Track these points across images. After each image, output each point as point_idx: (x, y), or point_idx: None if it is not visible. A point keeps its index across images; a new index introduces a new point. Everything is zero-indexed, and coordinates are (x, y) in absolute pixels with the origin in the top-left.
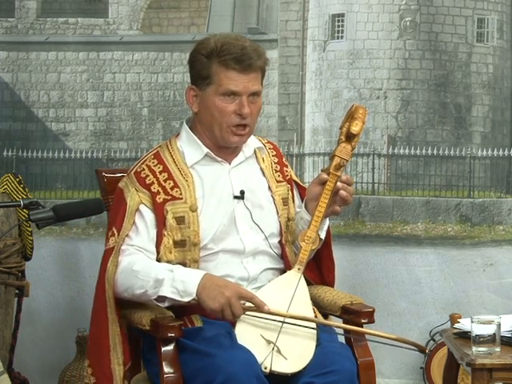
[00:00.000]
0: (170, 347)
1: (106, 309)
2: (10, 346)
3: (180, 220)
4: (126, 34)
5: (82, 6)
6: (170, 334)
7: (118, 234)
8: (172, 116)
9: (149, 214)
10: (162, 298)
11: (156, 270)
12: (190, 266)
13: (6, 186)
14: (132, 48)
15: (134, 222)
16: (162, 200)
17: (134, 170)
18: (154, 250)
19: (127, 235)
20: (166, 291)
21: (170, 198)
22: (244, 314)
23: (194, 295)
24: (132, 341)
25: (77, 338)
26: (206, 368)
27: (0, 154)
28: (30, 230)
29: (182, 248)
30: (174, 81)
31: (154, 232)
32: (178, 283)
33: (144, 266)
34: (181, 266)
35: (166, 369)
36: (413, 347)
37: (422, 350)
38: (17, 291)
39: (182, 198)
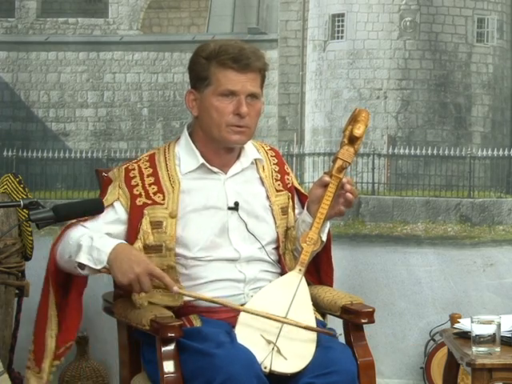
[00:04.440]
0: (170, 347)
1: (48, 280)
2: (10, 346)
3: (157, 224)
4: (126, 34)
5: (82, 6)
6: (169, 334)
7: None
8: (172, 116)
9: (121, 212)
10: (82, 266)
11: (83, 237)
12: (167, 273)
13: (5, 186)
14: (132, 48)
15: None
16: (141, 203)
17: (126, 165)
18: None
19: (85, 219)
20: (83, 258)
21: (150, 202)
22: (152, 290)
23: (105, 263)
24: (132, 342)
25: (77, 338)
26: (205, 368)
27: (0, 154)
28: (30, 230)
29: (159, 253)
30: (174, 81)
31: (116, 228)
32: (94, 250)
33: (76, 235)
34: (105, 235)
35: (166, 369)
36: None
37: (329, 334)
38: (17, 291)
39: (163, 204)
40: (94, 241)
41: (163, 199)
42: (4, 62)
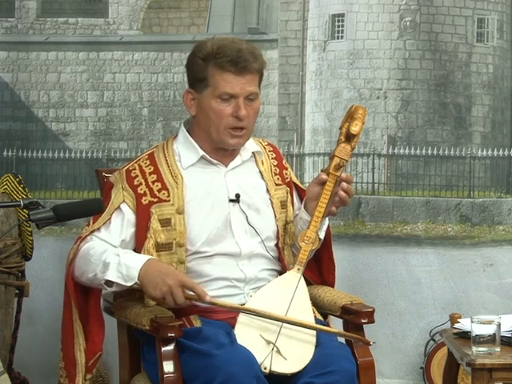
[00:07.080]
0: (170, 347)
1: (69, 296)
2: (10, 346)
3: (166, 222)
4: (126, 34)
5: (82, 6)
6: (169, 334)
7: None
8: (172, 116)
9: (129, 214)
10: (109, 283)
11: (106, 254)
12: (176, 268)
13: (5, 186)
14: (132, 48)
15: (109, 219)
16: (147, 202)
17: (126, 167)
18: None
19: (98, 229)
20: (112, 275)
21: (156, 200)
22: (187, 302)
23: (136, 279)
24: (132, 342)
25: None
26: (205, 368)
27: (0, 154)
28: (30, 230)
29: (169, 251)
30: (174, 81)
31: (128, 232)
32: (123, 267)
33: (98, 251)
34: (130, 251)
35: (166, 369)
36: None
37: (366, 343)
38: (17, 291)
39: (169, 201)
40: (122, 257)
41: (168, 196)
42: (4, 62)
